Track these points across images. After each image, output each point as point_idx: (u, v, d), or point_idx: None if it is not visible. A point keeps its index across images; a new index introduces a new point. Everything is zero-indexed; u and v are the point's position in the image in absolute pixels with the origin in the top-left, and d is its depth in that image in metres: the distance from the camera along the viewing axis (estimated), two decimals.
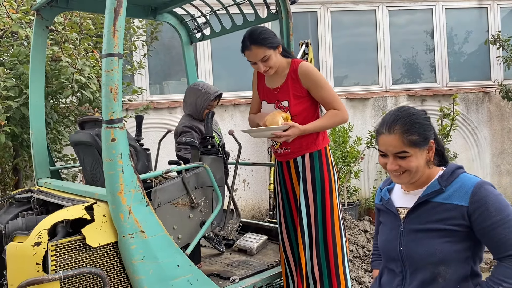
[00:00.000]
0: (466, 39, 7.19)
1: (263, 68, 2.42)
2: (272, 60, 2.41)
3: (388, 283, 1.72)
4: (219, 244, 3.07)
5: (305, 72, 2.43)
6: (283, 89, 2.49)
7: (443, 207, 1.54)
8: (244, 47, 2.41)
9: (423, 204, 1.59)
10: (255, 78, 2.70)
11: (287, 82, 2.48)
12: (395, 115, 1.58)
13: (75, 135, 2.60)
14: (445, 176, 1.59)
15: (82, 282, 1.91)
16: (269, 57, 2.40)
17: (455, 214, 1.51)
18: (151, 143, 5.40)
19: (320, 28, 6.77)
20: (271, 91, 2.56)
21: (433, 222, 1.55)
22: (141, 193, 2.04)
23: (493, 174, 6.86)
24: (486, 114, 6.86)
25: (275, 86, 2.53)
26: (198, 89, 3.01)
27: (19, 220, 2.18)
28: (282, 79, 2.50)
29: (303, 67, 2.45)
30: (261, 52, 2.38)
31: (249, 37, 2.39)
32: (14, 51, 3.66)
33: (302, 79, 2.44)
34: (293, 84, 2.46)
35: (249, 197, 6.35)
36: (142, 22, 5.05)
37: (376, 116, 6.61)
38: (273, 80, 2.55)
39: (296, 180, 2.55)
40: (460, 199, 1.51)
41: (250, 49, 2.39)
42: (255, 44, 2.37)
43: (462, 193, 1.52)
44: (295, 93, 2.45)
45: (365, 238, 4.93)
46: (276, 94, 2.53)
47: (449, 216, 1.52)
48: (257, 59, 2.40)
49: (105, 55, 1.93)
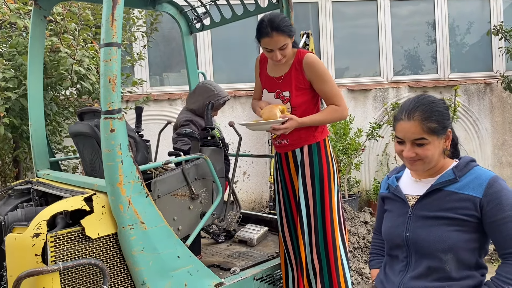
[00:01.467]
0: (468, 30, 7.14)
1: (279, 56, 2.36)
2: (288, 49, 2.37)
3: (391, 268, 1.72)
4: (217, 235, 3.06)
5: (310, 64, 2.40)
6: (286, 79, 2.46)
7: (456, 197, 1.55)
8: (264, 33, 2.31)
9: (435, 192, 1.60)
10: (258, 65, 2.66)
11: (291, 72, 2.44)
12: (415, 102, 1.58)
13: (74, 126, 2.58)
14: (460, 166, 1.60)
15: (81, 273, 1.90)
16: (287, 45, 2.35)
17: (468, 205, 1.52)
18: (151, 135, 5.38)
19: (321, 18, 6.72)
20: (273, 80, 2.53)
21: (445, 210, 1.55)
22: (141, 184, 2.02)
23: (494, 165, 6.85)
24: (487, 105, 6.83)
25: (277, 75, 2.50)
26: (211, 89, 3.06)
27: (18, 211, 2.17)
28: (285, 69, 2.47)
29: (308, 59, 2.41)
30: (282, 39, 2.31)
31: (270, 24, 2.28)
32: (12, 42, 3.63)
33: (306, 70, 2.41)
34: (296, 75, 2.43)
35: (250, 188, 6.34)
36: (141, 13, 5.02)
37: (377, 108, 6.58)
38: (276, 69, 2.52)
39: (294, 172, 2.53)
40: (474, 190, 1.53)
41: (271, 36, 2.29)
42: (277, 31, 2.28)
43: (477, 185, 1.53)
44: (298, 85, 2.42)
45: (365, 229, 4.93)
46: (278, 84, 2.50)
47: (462, 206, 1.53)
48: (277, 46, 2.33)
49: (103, 44, 1.91)
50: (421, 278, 1.58)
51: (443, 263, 1.55)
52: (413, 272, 1.61)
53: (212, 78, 6.46)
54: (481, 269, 1.59)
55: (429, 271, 1.57)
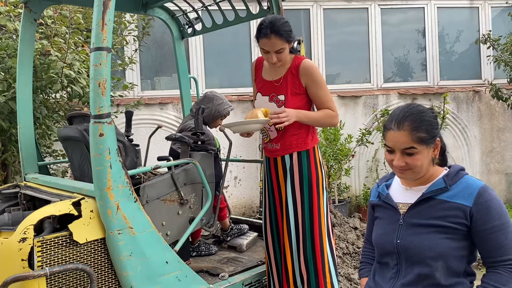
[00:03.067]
0: (458, 38, 7.24)
1: (274, 59, 2.37)
2: (284, 54, 2.38)
3: (381, 275, 1.73)
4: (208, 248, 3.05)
5: (307, 69, 2.42)
6: (282, 83, 2.47)
7: (446, 205, 1.57)
8: (263, 34, 2.33)
9: (426, 200, 1.62)
10: (253, 70, 2.67)
11: (287, 77, 2.46)
12: (405, 111, 1.60)
13: (63, 130, 2.57)
14: (450, 175, 1.62)
15: (68, 279, 1.89)
16: (284, 50, 2.37)
17: (458, 213, 1.55)
18: (142, 139, 5.35)
19: (313, 25, 6.77)
20: (268, 84, 2.53)
21: (435, 219, 1.58)
22: (129, 189, 2.02)
23: (482, 172, 6.93)
24: (476, 113, 6.91)
25: (273, 79, 2.51)
26: (220, 98, 3.16)
27: (5, 215, 2.15)
28: (282, 73, 2.48)
29: (305, 64, 2.43)
30: (280, 43, 2.33)
31: (271, 26, 2.30)
32: (2, 45, 3.61)
33: (302, 75, 2.42)
34: (292, 80, 2.44)
35: (241, 194, 6.34)
36: (133, 17, 5.01)
37: (367, 114, 6.63)
38: (272, 72, 2.52)
39: (282, 178, 2.53)
40: (464, 199, 1.55)
41: (269, 38, 2.32)
42: (276, 34, 2.30)
43: (467, 194, 1.56)
44: (293, 89, 2.44)
45: (355, 235, 4.95)
46: (274, 87, 2.50)
47: (452, 214, 1.56)
48: (274, 49, 2.34)
49: (94, 49, 1.91)
50: (411, 285, 1.60)
51: (433, 270, 1.56)
52: (403, 279, 1.62)
53: (203, 83, 6.47)
54: (470, 276, 1.62)
55: (419, 278, 1.59)
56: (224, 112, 3.16)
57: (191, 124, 3.00)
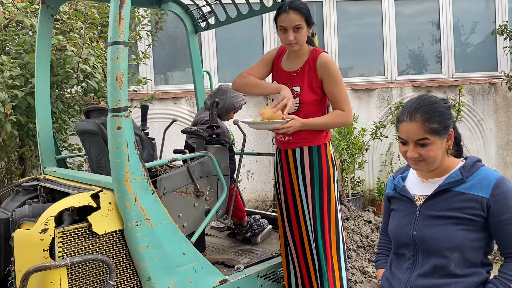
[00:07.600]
0: (473, 30, 7.12)
1: (291, 37, 2.37)
2: (302, 35, 2.38)
3: (397, 266, 1.74)
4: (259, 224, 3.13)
5: (324, 63, 2.41)
6: (299, 74, 2.47)
7: (463, 197, 1.57)
8: (283, 10, 2.37)
9: (443, 192, 1.62)
10: (275, 53, 2.64)
11: (304, 68, 2.46)
12: (417, 103, 1.60)
13: (81, 124, 2.61)
14: (467, 167, 1.62)
15: (88, 269, 1.93)
16: (302, 28, 2.37)
17: (475, 205, 1.55)
18: (156, 133, 5.40)
19: (326, 18, 6.72)
20: (286, 74, 2.52)
21: (452, 210, 1.58)
22: (147, 181, 2.05)
23: (498, 165, 6.83)
24: (492, 105, 6.81)
25: (291, 70, 2.51)
26: (233, 91, 3.15)
27: (26, 207, 2.20)
28: (299, 64, 2.48)
29: (323, 58, 2.43)
30: (298, 19, 2.35)
31: (290, 3, 2.37)
32: (19, 40, 3.66)
33: (319, 68, 2.42)
34: (309, 72, 2.44)
35: (254, 187, 6.36)
36: (147, 12, 5.04)
37: (381, 107, 6.58)
38: (290, 63, 2.52)
39: (294, 171, 2.53)
40: (481, 191, 1.55)
41: (288, 13, 2.34)
42: (294, 9, 2.34)
43: (484, 185, 1.56)
44: (309, 82, 2.44)
45: (369, 228, 4.94)
46: (290, 77, 2.49)
47: (469, 206, 1.56)
48: (291, 24, 2.35)
49: (111, 43, 1.93)
50: (428, 276, 1.61)
51: (449, 261, 1.57)
52: (420, 270, 1.63)
53: (216, 77, 6.49)
54: (487, 266, 1.62)
55: (435, 269, 1.60)
56: (238, 105, 3.17)
57: (205, 117, 3.01)
